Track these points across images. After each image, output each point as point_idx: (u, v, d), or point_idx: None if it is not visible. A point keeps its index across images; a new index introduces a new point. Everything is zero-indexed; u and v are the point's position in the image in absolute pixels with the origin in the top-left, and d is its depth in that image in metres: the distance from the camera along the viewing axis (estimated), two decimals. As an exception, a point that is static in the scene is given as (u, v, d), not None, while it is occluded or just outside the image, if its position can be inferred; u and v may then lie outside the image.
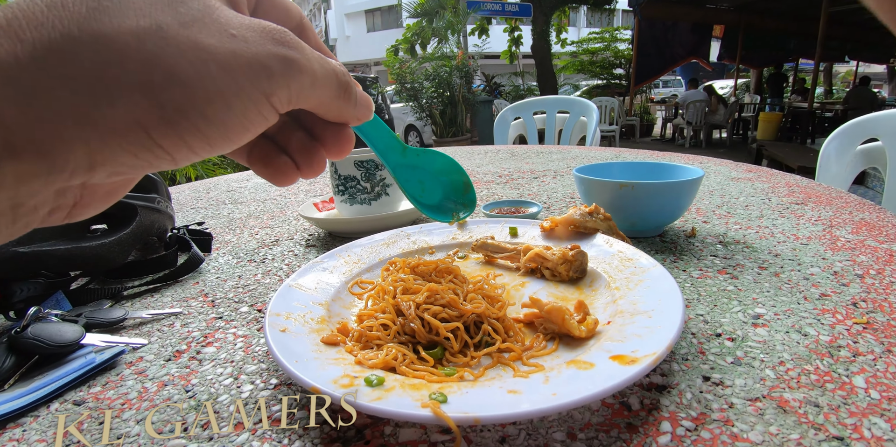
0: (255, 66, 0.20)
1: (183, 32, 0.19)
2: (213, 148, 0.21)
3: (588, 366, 0.33)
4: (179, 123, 0.19)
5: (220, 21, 0.20)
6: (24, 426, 0.36)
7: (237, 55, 0.20)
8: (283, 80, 0.21)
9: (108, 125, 0.18)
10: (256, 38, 0.20)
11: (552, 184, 1.10)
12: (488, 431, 0.32)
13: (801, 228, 0.70)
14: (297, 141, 0.27)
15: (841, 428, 0.31)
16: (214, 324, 0.51)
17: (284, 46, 0.21)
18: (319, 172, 0.28)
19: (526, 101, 2.31)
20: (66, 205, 0.21)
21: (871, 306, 0.46)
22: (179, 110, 0.19)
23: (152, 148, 0.19)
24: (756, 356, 0.39)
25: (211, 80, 0.19)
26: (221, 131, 0.20)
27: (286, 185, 0.28)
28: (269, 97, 0.21)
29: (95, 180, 0.20)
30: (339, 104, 0.25)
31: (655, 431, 0.31)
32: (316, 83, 0.23)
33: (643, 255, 0.50)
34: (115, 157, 0.19)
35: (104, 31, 0.17)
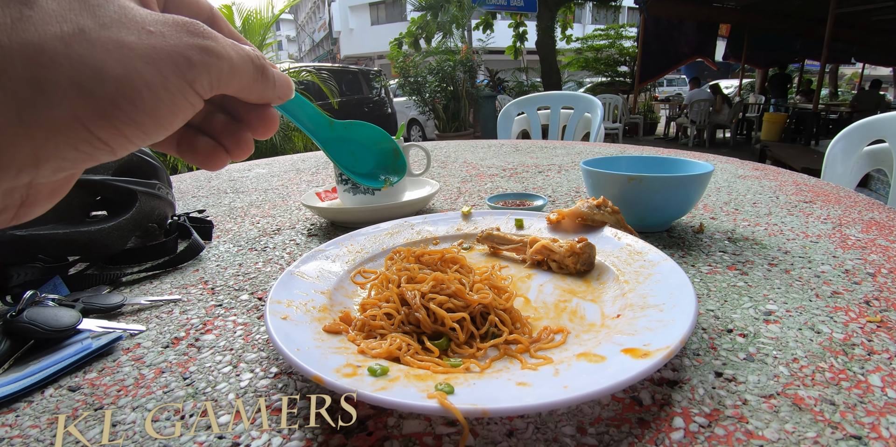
0: (174, 58, 0.22)
1: (105, 33, 0.20)
2: (147, 135, 0.22)
3: (599, 359, 0.32)
4: (114, 115, 0.20)
5: (136, 20, 0.22)
6: (17, 411, 0.35)
7: (157, 49, 0.21)
8: (203, 68, 0.22)
9: (49, 123, 0.19)
10: (172, 32, 0.22)
11: (557, 178, 1.09)
12: (495, 424, 0.31)
13: (811, 226, 0.69)
14: (223, 126, 0.29)
15: (858, 426, 0.30)
16: (214, 311, 0.50)
17: (199, 37, 0.23)
18: (248, 153, 0.30)
19: (530, 97, 2.30)
20: (13, 205, 0.22)
21: (884, 305, 0.45)
22: (113, 103, 0.20)
23: (91, 140, 0.20)
24: (769, 352, 0.38)
25: (137, 74, 0.20)
26: (153, 119, 0.22)
27: (217, 169, 0.29)
28: (192, 84, 0.22)
29: (41, 177, 0.21)
30: (258, 86, 0.27)
31: (668, 427, 0.30)
32: (234, 68, 0.24)
33: (653, 249, 0.49)
34: (59, 152, 0.20)
35: (32, 40, 0.19)
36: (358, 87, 6.84)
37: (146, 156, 0.70)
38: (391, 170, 0.50)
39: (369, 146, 0.49)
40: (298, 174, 1.31)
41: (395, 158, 0.50)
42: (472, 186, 1.03)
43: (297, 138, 4.37)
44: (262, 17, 4.39)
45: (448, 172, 1.21)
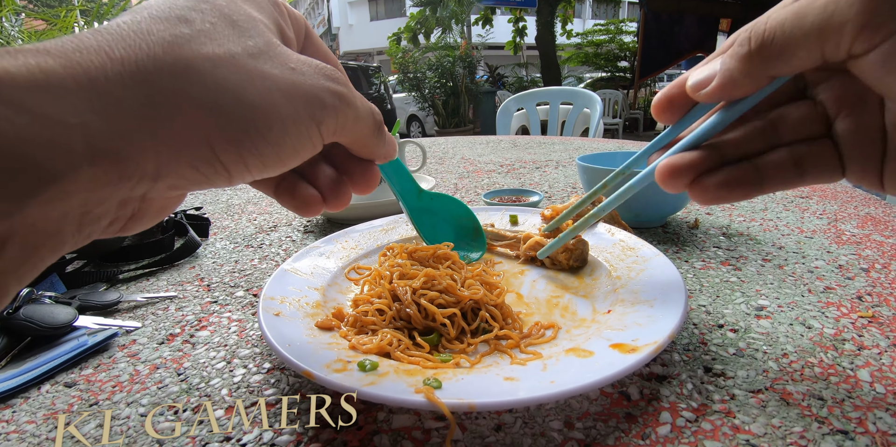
0: (310, 97, 0.23)
1: (251, 62, 0.21)
2: (265, 167, 0.23)
3: (587, 355, 0.32)
4: (242, 142, 0.21)
5: (281, 55, 0.23)
6: (13, 407, 0.36)
7: (296, 85, 0.22)
8: (333, 112, 0.24)
9: (179, 140, 0.20)
10: (312, 72, 0.23)
11: (554, 174, 1.09)
12: (483, 419, 0.31)
13: (806, 221, 0.69)
14: (326, 176, 0.30)
15: (845, 421, 0.30)
16: (209, 308, 0.50)
17: (335, 82, 0.24)
18: (344, 206, 0.30)
19: (529, 92, 2.29)
20: (123, 216, 0.22)
21: (876, 300, 0.45)
22: (243, 130, 0.21)
23: (213, 163, 0.21)
24: (759, 348, 0.38)
25: (273, 107, 0.21)
26: (276, 152, 0.22)
27: (311, 216, 0.30)
28: (320, 125, 0.23)
29: (154, 192, 0.21)
30: (372, 141, 0.28)
31: (655, 421, 0.31)
32: (358, 118, 0.25)
33: (645, 245, 0.49)
34: (179, 170, 0.20)
35: (185, 55, 0.20)
36: (357, 83, 6.83)
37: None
38: (470, 247, 0.52)
39: (450, 220, 0.50)
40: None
41: (476, 236, 0.52)
42: (469, 182, 1.03)
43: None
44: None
45: (445, 168, 1.21)
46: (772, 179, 0.27)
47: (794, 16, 0.22)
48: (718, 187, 0.27)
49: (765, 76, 0.25)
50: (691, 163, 0.28)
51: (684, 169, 0.28)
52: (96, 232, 0.21)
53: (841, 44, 0.21)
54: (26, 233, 0.18)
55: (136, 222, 0.23)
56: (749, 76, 0.25)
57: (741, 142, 0.28)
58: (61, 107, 0.17)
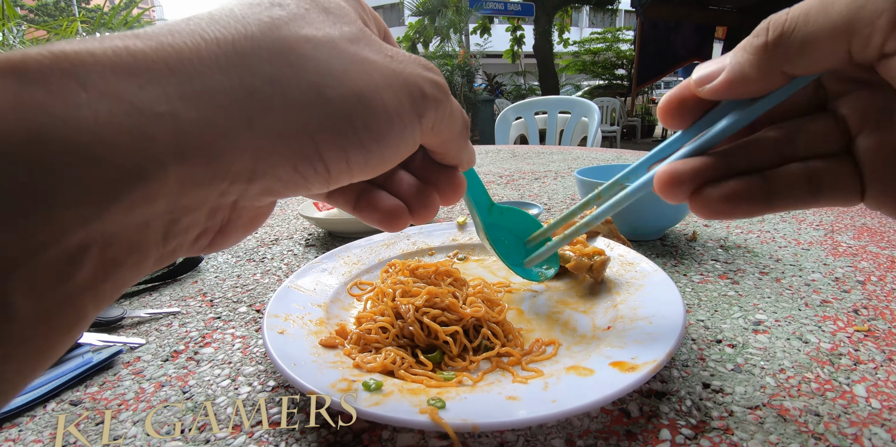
0: (411, 85, 0.21)
1: (351, 47, 0.20)
2: (366, 166, 0.21)
3: (588, 373, 0.33)
4: (345, 133, 0.19)
5: (377, 43, 0.21)
6: (20, 426, 0.36)
7: (397, 73, 0.21)
8: (433, 103, 0.22)
9: (277, 131, 0.18)
10: (410, 61, 0.22)
11: (553, 185, 1.09)
12: (486, 437, 0.32)
13: (803, 233, 0.70)
14: (409, 186, 0.27)
15: (841, 437, 0.31)
16: (213, 324, 0.51)
17: (432, 72, 0.23)
18: (432, 217, 0.28)
19: (527, 101, 2.31)
20: (212, 228, 0.21)
21: (872, 313, 0.46)
22: (348, 118, 0.19)
23: (314, 160, 0.19)
24: (756, 363, 0.39)
25: (377, 93, 0.20)
26: (380, 147, 0.20)
27: (397, 230, 0.27)
28: (421, 118, 0.22)
29: (246, 198, 0.19)
30: (460, 143, 0.26)
31: (654, 439, 0.31)
32: (453, 113, 0.24)
33: (644, 260, 0.50)
34: (276, 169, 0.19)
35: (284, 36, 0.18)
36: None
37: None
38: (544, 261, 0.49)
39: (521, 236, 0.48)
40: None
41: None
42: (469, 194, 1.04)
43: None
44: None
45: (445, 180, 1.22)
46: (782, 196, 0.24)
47: (820, 4, 0.19)
48: (722, 200, 0.24)
49: (780, 73, 0.21)
50: (694, 171, 0.24)
51: (686, 177, 0.24)
52: (183, 247, 0.19)
53: (872, 39, 0.18)
54: (106, 244, 0.15)
55: (225, 236, 0.22)
56: (762, 71, 0.21)
57: (752, 152, 0.25)
58: (149, 93, 0.15)
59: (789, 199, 0.24)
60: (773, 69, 0.21)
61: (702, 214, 0.24)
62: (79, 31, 3.25)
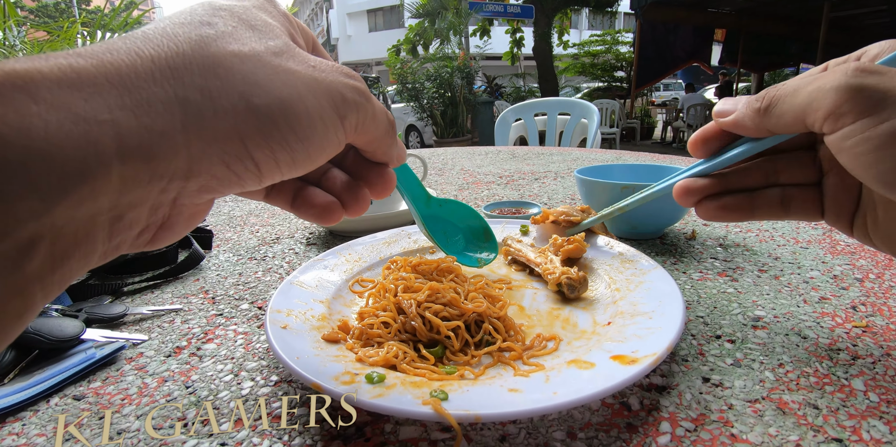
0: (332, 92, 0.23)
1: (275, 59, 0.22)
2: (294, 164, 0.23)
3: (589, 366, 0.33)
4: (272, 135, 0.21)
5: (300, 55, 0.24)
6: (23, 420, 0.36)
7: (318, 81, 0.23)
8: (354, 106, 0.24)
9: (210, 134, 0.20)
10: (331, 70, 0.24)
11: (553, 185, 1.10)
12: (488, 430, 0.32)
13: (801, 232, 0.70)
14: (342, 182, 0.30)
15: (840, 430, 0.31)
16: (215, 320, 0.51)
17: (353, 79, 0.25)
18: (364, 211, 0.31)
19: (527, 103, 2.32)
20: (154, 224, 0.22)
21: (870, 310, 0.46)
22: (273, 122, 0.21)
23: (244, 159, 0.21)
24: (756, 358, 0.39)
25: (300, 99, 0.22)
26: (304, 147, 0.23)
27: (331, 223, 0.30)
28: (343, 120, 0.24)
29: (185, 196, 0.21)
30: (387, 141, 0.29)
31: (655, 431, 0.31)
32: (375, 115, 0.26)
33: (643, 257, 0.50)
34: (211, 168, 0.21)
35: (212, 52, 0.20)
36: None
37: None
38: (483, 249, 0.53)
39: (460, 225, 0.51)
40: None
41: (487, 238, 0.53)
42: (469, 194, 1.04)
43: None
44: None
45: (445, 180, 1.22)
46: (761, 211, 0.35)
47: (793, 91, 0.28)
48: (717, 209, 0.35)
49: (764, 129, 0.31)
50: (701, 187, 0.36)
51: (694, 191, 0.36)
52: (126, 242, 0.21)
53: (815, 123, 0.27)
54: (55, 237, 0.17)
55: (167, 231, 0.23)
56: (754, 124, 0.31)
57: (744, 177, 0.35)
58: (92, 104, 0.17)
59: (766, 213, 0.35)
60: (760, 125, 0.31)
61: (702, 217, 0.36)
62: (79, 30, 3.25)
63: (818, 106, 0.26)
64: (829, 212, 0.34)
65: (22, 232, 0.16)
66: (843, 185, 0.33)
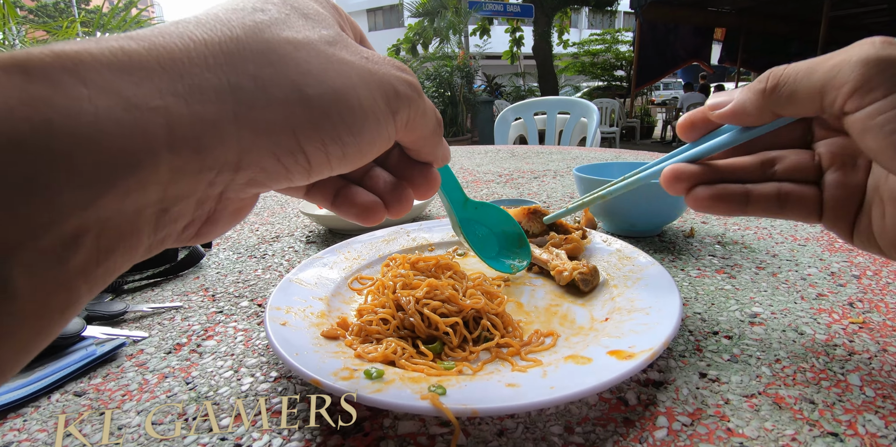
0: (385, 84, 0.23)
1: (329, 49, 0.22)
2: (344, 158, 0.22)
3: (586, 361, 0.33)
4: (324, 128, 0.21)
5: (353, 45, 0.23)
6: (24, 416, 0.37)
7: (372, 73, 0.22)
8: (406, 101, 0.24)
9: (261, 125, 0.19)
10: (384, 62, 0.24)
11: (552, 184, 1.10)
12: (486, 424, 0.32)
13: (799, 229, 0.70)
14: (385, 182, 0.29)
15: (835, 424, 0.31)
16: (215, 318, 0.51)
17: (406, 73, 0.24)
18: (406, 211, 0.29)
19: (527, 102, 2.32)
20: (199, 218, 0.22)
21: (867, 306, 0.47)
22: (326, 114, 0.21)
23: (295, 152, 0.21)
24: (752, 354, 0.39)
25: (353, 90, 0.21)
26: (356, 140, 0.22)
27: (373, 224, 0.29)
28: (395, 114, 0.23)
29: (232, 189, 0.21)
30: (434, 140, 0.28)
31: (652, 426, 0.32)
32: (426, 112, 0.26)
33: (641, 253, 0.51)
34: (261, 160, 0.20)
35: (266, 38, 0.20)
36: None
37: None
38: (516, 255, 0.52)
39: (495, 229, 0.51)
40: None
41: (521, 244, 0.53)
42: (469, 192, 1.04)
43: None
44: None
45: (445, 178, 1.22)
46: (755, 206, 0.31)
47: (808, 69, 0.26)
48: (709, 198, 0.31)
49: (770, 112, 0.28)
50: (692, 173, 0.32)
51: (685, 176, 0.32)
52: (172, 236, 0.20)
53: (837, 100, 0.25)
54: (101, 230, 0.16)
55: (212, 226, 0.23)
56: (757, 109, 0.28)
57: (740, 168, 0.32)
58: (143, 89, 0.16)
59: (760, 209, 0.31)
60: (765, 109, 0.28)
61: (692, 206, 0.32)
62: (78, 30, 3.25)
63: (842, 81, 0.24)
64: (828, 213, 0.31)
65: (66, 225, 0.15)
66: (845, 182, 0.30)
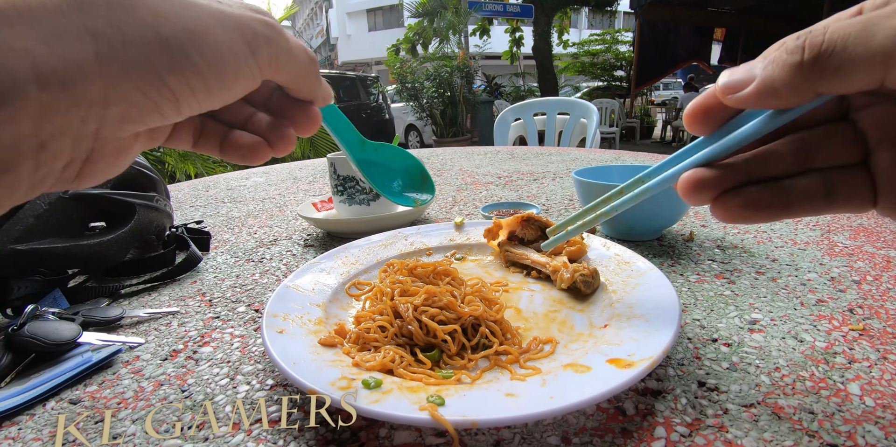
0: (241, 25, 0.24)
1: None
2: (209, 93, 0.23)
3: (585, 370, 0.33)
4: (183, 63, 0.22)
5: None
6: (20, 424, 0.36)
7: (226, 14, 0.23)
8: (265, 40, 0.25)
9: (122, 62, 0.20)
10: (237, 6, 0.25)
11: (551, 186, 1.10)
12: (483, 435, 0.32)
13: (799, 233, 0.70)
14: (268, 123, 0.30)
15: (835, 435, 0.31)
16: (211, 323, 0.51)
17: (263, 15, 0.25)
18: (290, 149, 0.31)
19: (526, 102, 2.31)
20: (79, 158, 0.22)
21: (867, 313, 0.46)
22: (183, 51, 0.22)
23: (160, 87, 0.22)
24: (752, 362, 0.39)
25: (208, 30, 0.22)
26: (217, 75, 0.23)
27: (259, 162, 0.30)
28: (255, 52, 0.24)
29: (107, 127, 0.22)
30: (310, 79, 0.29)
31: (650, 437, 0.31)
32: (291, 50, 0.26)
33: (640, 259, 0.50)
34: (127, 95, 0.21)
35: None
36: (356, 93, 6.87)
37: (144, 168, 0.71)
38: (421, 190, 0.54)
39: (397, 168, 0.51)
40: (296, 183, 1.32)
41: (424, 181, 0.54)
42: (468, 195, 1.04)
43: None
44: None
45: (444, 180, 1.22)
46: (800, 205, 0.25)
47: (862, 31, 0.20)
48: (742, 207, 0.25)
49: (812, 92, 0.22)
50: (717, 178, 0.26)
51: (709, 184, 0.26)
52: (52, 175, 0.22)
53: None
54: None
55: (93, 166, 0.23)
56: (793, 89, 0.22)
57: (771, 161, 0.26)
58: (4, 34, 0.18)
59: (806, 208, 0.25)
60: (805, 88, 0.22)
61: (723, 219, 0.26)
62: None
63: None
64: (884, 197, 0.24)
65: None
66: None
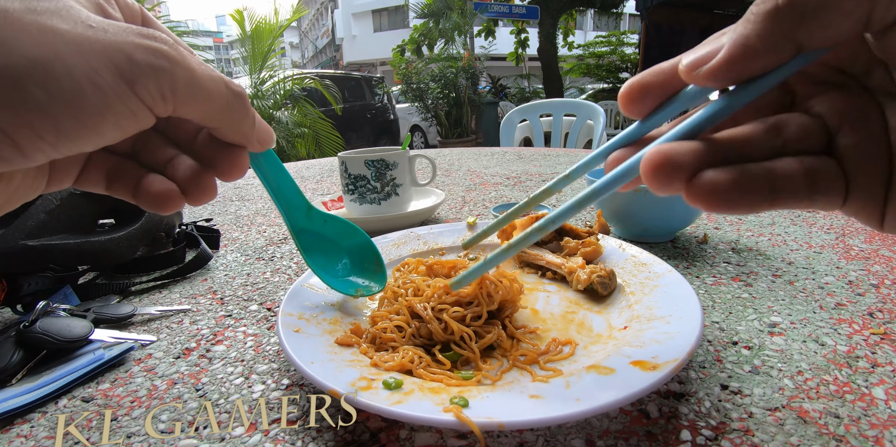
0: (111, 52, 0.19)
1: (31, 17, 0.18)
2: (62, 134, 0.19)
3: (609, 372, 0.33)
4: (18, 101, 0.18)
5: (78, 14, 0.19)
6: (31, 422, 0.36)
7: (91, 40, 0.19)
8: (149, 70, 0.20)
9: None
10: (118, 30, 0.20)
11: (560, 187, 1.09)
12: (506, 437, 0.32)
13: (814, 236, 0.69)
14: (186, 168, 0.26)
15: (862, 440, 0.30)
16: (224, 322, 0.50)
17: (150, 39, 0.20)
18: (209, 199, 0.27)
19: (532, 104, 2.31)
20: None
21: (887, 316, 0.46)
22: (17, 84, 0.18)
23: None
24: (774, 365, 0.39)
25: (58, 58, 0.18)
26: (72, 112, 0.19)
27: (170, 212, 0.26)
28: (133, 85, 0.20)
29: None
30: (235, 115, 0.24)
31: (675, 440, 0.31)
32: (195, 81, 0.21)
33: (657, 261, 0.50)
34: None
35: None
36: (361, 93, 6.88)
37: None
38: (371, 277, 0.45)
39: (346, 247, 0.43)
40: (303, 182, 1.32)
41: (377, 268, 0.45)
42: (477, 195, 1.04)
43: (300, 144, 4.39)
44: (270, 24, 4.46)
45: (452, 181, 1.22)
46: (785, 190, 0.20)
47: None
48: (730, 188, 0.19)
49: (792, 42, 0.19)
50: (693, 153, 0.20)
51: (683, 160, 0.20)
52: None
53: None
54: None
55: None
56: (770, 40, 0.19)
57: (745, 140, 0.21)
58: None
59: (789, 195, 0.20)
60: (783, 37, 0.19)
61: (704, 203, 0.20)
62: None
63: None
64: (854, 191, 0.21)
65: None
66: (865, 145, 0.20)
